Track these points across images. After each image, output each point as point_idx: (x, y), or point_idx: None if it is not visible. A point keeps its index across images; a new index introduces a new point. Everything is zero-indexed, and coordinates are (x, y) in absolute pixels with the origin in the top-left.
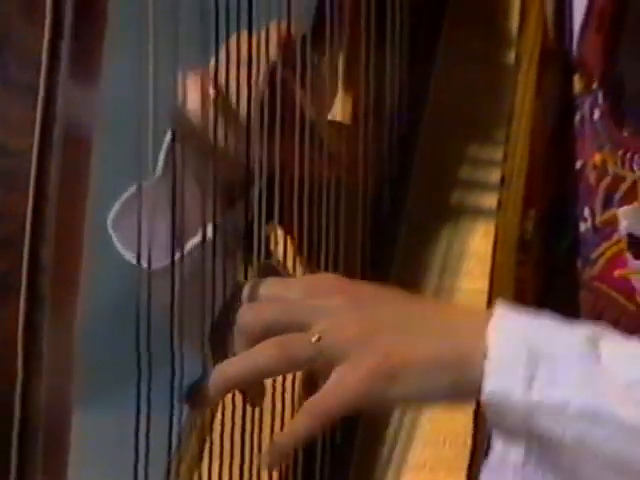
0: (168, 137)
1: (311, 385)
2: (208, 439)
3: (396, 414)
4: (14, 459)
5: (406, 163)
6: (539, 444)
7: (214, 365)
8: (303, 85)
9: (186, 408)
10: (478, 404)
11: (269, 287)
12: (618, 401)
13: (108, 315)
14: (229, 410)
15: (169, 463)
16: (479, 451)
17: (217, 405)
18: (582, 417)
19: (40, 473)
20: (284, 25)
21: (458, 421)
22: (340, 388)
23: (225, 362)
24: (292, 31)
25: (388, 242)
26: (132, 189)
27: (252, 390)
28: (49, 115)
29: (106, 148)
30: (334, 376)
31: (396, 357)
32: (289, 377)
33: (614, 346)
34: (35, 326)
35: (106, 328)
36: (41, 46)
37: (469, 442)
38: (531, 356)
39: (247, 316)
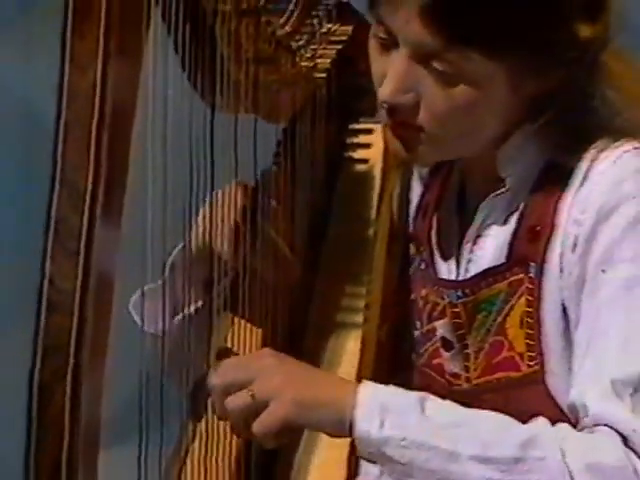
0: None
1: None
2: None
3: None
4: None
5: (307, 301)
6: (389, 463)
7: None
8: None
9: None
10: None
11: (229, 365)
12: (434, 436)
13: (120, 399)
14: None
15: None
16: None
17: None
18: (411, 447)
19: None
20: (243, 183)
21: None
22: (270, 415)
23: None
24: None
25: (299, 345)
26: (146, 287)
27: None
28: (87, 267)
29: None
30: (266, 410)
31: (302, 400)
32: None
33: (434, 404)
34: (76, 400)
35: (122, 401)
36: (82, 225)
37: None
38: (382, 409)
39: (215, 380)
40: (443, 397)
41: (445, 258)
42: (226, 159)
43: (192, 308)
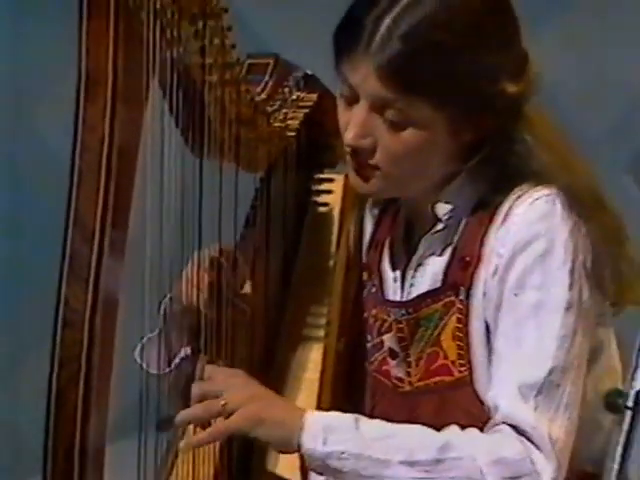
0: (162, 311)
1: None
2: None
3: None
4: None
5: (279, 319)
6: (332, 473)
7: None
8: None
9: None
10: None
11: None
12: (368, 448)
13: (123, 400)
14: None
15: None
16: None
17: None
18: (350, 458)
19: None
20: (217, 246)
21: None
22: (231, 422)
23: (184, 411)
24: (223, 247)
25: (272, 359)
26: (146, 338)
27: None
28: (96, 291)
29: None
30: (229, 418)
31: (259, 416)
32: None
33: (366, 422)
34: (87, 402)
35: (125, 402)
36: (91, 256)
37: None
38: (324, 429)
39: (195, 390)
40: (390, 398)
41: (391, 282)
42: (212, 201)
43: (183, 353)
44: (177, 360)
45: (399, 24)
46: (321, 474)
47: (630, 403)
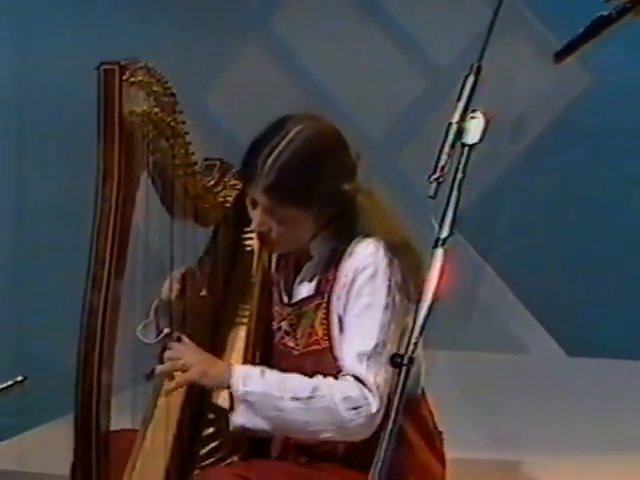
0: (154, 306)
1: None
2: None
3: None
4: (94, 412)
5: (221, 314)
6: (250, 408)
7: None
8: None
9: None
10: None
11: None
12: (270, 388)
13: (123, 364)
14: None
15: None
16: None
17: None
18: (258, 395)
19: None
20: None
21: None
22: (185, 375)
23: (159, 366)
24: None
25: (217, 335)
26: (143, 322)
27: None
28: (106, 295)
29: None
30: (185, 373)
31: (204, 371)
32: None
33: (269, 372)
34: (101, 364)
35: (124, 366)
36: (103, 275)
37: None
38: (243, 376)
39: (166, 355)
40: (287, 359)
41: (285, 292)
42: (181, 242)
43: (166, 331)
44: (161, 336)
45: (275, 162)
46: (244, 403)
47: (405, 362)
